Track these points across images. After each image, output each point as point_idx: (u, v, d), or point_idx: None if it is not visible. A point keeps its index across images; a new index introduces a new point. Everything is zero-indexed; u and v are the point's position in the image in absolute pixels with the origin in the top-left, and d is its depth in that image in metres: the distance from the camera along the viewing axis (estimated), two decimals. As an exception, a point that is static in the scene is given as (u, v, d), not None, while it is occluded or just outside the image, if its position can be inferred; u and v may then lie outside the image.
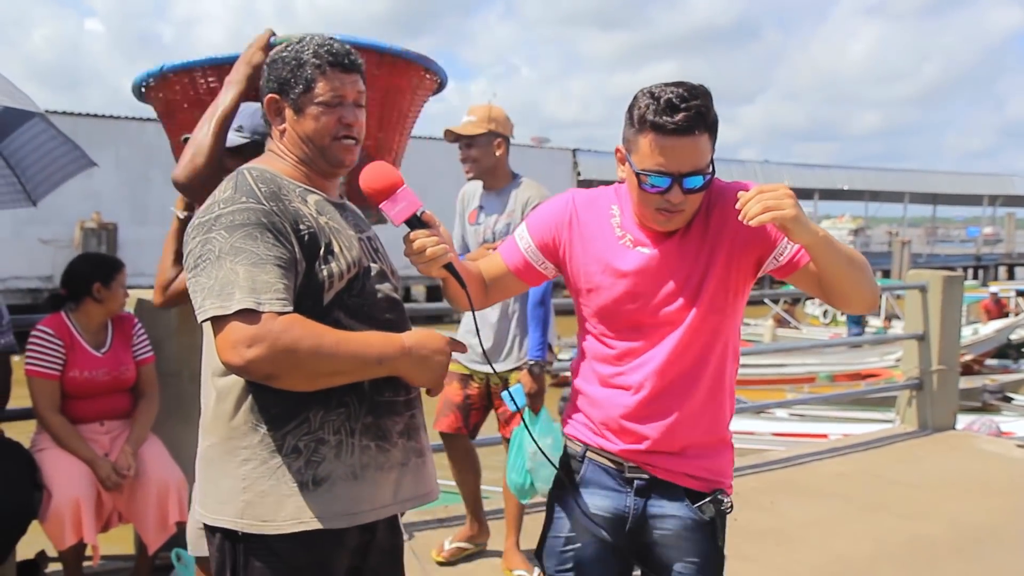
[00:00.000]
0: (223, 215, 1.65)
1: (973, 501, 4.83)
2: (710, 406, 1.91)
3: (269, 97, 1.82)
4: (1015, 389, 14.18)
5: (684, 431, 1.89)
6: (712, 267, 1.84)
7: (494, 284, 2.05)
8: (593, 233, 1.93)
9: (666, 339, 1.86)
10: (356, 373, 1.68)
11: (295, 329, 1.59)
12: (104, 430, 3.36)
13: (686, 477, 1.91)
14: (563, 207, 1.99)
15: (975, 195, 42.72)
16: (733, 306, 1.90)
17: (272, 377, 1.61)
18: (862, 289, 1.79)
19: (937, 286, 6.19)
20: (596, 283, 1.92)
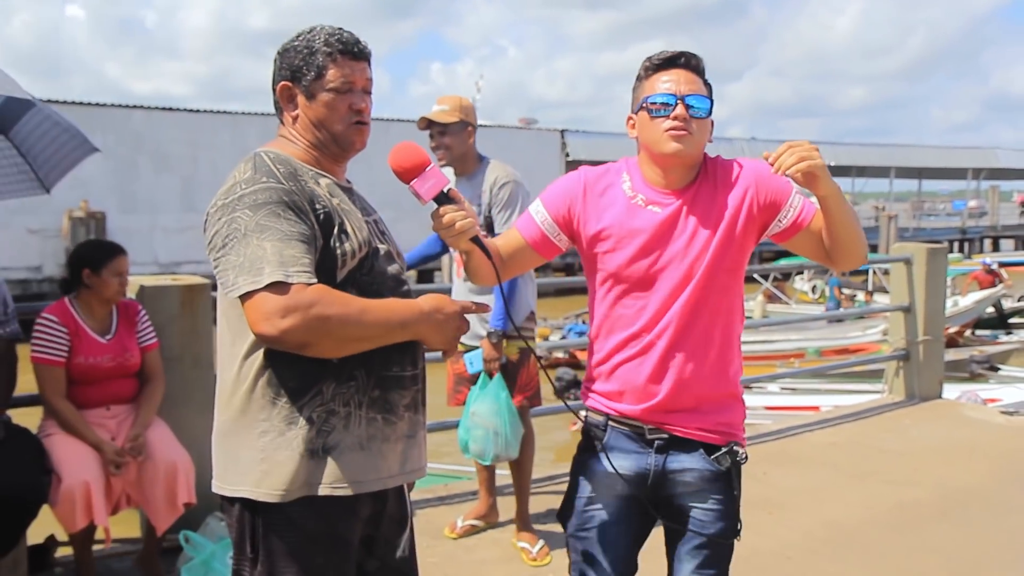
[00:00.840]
0: (246, 195, 1.74)
1: (959, 466, 4.95)
2: (721, 362, 2.03)
3: (282, 84, 1.91)
4: (1003, 360, 14.37)
5: (698, 386, 2.00)
6: (721, 226, 1.96)
7: (511, 258, 2.15)
8: (606, 200, 2.05)
9: (680, 296, 1.98)
10: (382, 338, 1.78)
11: (325, 298, 1.68)
12: (110, 415, 3.43)
13: (702, 432, 2.02)
14: (576, 180, 2.11)
15: (959, 168, 42.94)
16: (739, 268, 2.02)
17: (305, 345, 1.69)
18: (860, 242, 1.95)
19: (921, 258, 6.30)
20: (611, 245, 2.03)
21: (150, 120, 22.69)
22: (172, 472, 3.35)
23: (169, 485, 3.34)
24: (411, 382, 1.91)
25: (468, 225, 1.86)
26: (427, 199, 1.86)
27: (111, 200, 21.48)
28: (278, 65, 1.91)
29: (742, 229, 1.98)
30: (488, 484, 4.04)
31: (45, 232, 20.50)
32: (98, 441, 3.29)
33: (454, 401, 3.89)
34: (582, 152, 29.64)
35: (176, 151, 22.58)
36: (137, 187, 22.12)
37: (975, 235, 40.03)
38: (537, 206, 2.14)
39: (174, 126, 22.83)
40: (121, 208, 21.67)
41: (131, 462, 3.32)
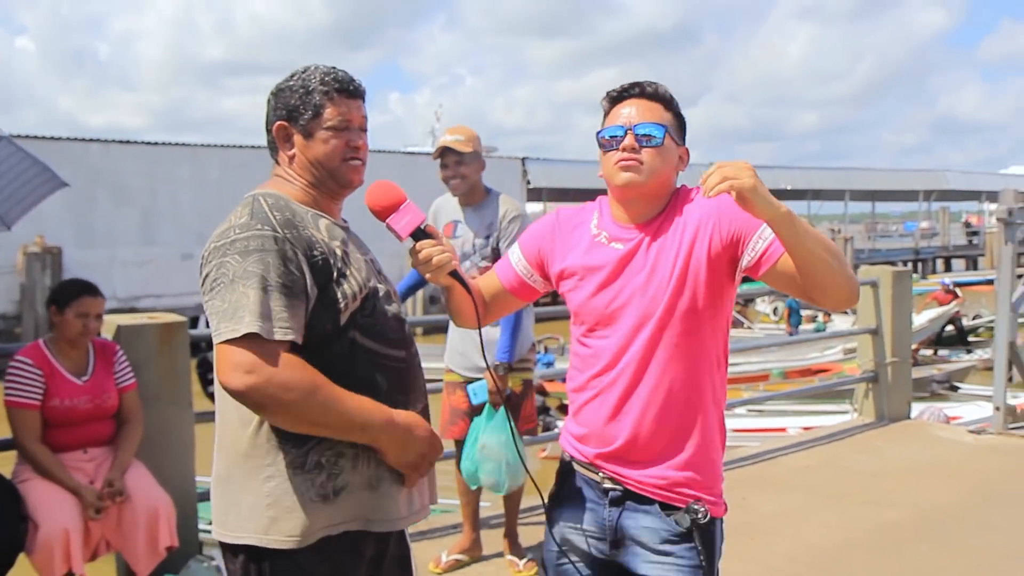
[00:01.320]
0: (238, 240, 1.73)
1: (932, 486, 5.02)
2: (688, 411, 1.88)
3: (278, 124, 1.90)
4: (961, 378, 14.63)
5: (658, 435, 1.87)
6: (683, 264, 1.84)
7: (493, 301, 2.13)
8: (574, 238, 2.00)
9: (639, 335, 1.86)
10: (337, 431, 1.74)
11: (295, 370, 1.67)
12: (88, 458, 3.36)
13: (657, 488, 1.88)
14: (548, 220, 2.07)
15: (911, 191, 43.83)
16: (710, 309, 1.86)
17: (261, 408, 1.69)
18: (837, 277, 1.71)
19: (887, 281, 6.41)
20: (574, 283, 1.97)
21: (107, 153, 22.38)
22: (153, 515, 3.29)
23: (150, 529, 3.28)
24: None
25: (445, 260, 1.84)
26: (404, 236, 1.86)
27: (68, 234, 21.09)
28: (273, 105, 1.91)
29: (706, 265, 1.83)
30: (472, 519, 4.01)
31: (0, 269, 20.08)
32: (76, 486, 3.22)
33: (449, 434, 3.84)
34: (543, 179, 29.79)
35: (134, 184, 22.28)
36: (95, 221, 21.76)
37: (928, 255, 40.83)
38: (515, 248, 2.12)
39: (132, 159, 22.53)
40: (78, 242, 21.30)
41: (111, 506, 3.25)
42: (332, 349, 1.78)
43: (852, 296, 1.76)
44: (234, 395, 1.68)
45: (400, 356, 1.88)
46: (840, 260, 1.72)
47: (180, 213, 22.30)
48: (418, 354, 1.98)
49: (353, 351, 1.80)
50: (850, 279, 1.74)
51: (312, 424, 1.71)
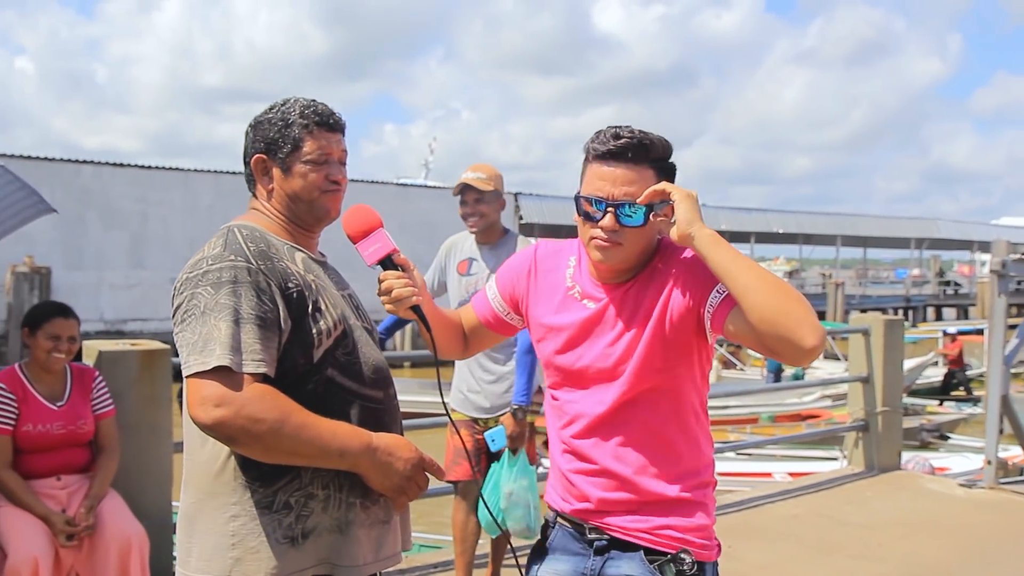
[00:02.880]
0: (210, 271, 1.69)
1: (922, 540, 4.94)
2: (665, 463, 1.83)
3: (256, 157, 1.86)
4: (952, 428, 14.61)
5: (635, 487, 1.83)
6: (649, 323, 1.78)
7: (471, 335, 2.09)
8: (548, 284, 1.94)
9: (602, 395, 1.83)
10: (315, 459, 1.69)
11: (265, 400, 1.62)
12: (61, 485, 3.27)
13: (642, 534, 1.83)
14: (525, 259, 2.00)
15: (903, 238, 44.12)
16: (680, 365, 1.81)
17: (232, 441, 1.64)
18: (789, 321, 1.57)
19: (879, 330, 6.37)
20: (542, 334, 1.93)
21: (99, 175, 22.37)
22: (125, 547, 3.20)
23: (122, 560, 3.19)
24: None
25: (406, 294, 1.79)
26: (371, 263, 1.83)
27: (57, 255, 21.02)
28: (251, 138, 1.88)
29: (673, 327, 1.76)
30: (467, 569, 3.85)
31: (-13, 287, 19.94)
32: (46, 512, 3.13)
33: (452, 475, 3.74)
34: (535, 215, 29.87)
35: (125, 207, 22.26)
36: (84, 243, 21.70)
37: (918, 303, 40.98)
38: (491, 283, 2.06)
39: (124, 182, 22.53)
40: (67, 264, 21.21)
41: (82, 535, 3.15)
42: (306, 386, 1.73)
43: (812, 345, 1.57)
44: (204, 429, 1.62)
45: (377, 396, 1.84)
46: (789, 297, 1.60)
47: (170, 237, 22.26)
48: (396, 395, 1.94)
49: (328, 389, 1.76)
50: (806, 325, 1.57)
51: (288, 454, 1.65)
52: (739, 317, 1.65)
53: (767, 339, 1.60)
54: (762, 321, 1.59)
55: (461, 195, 3.68)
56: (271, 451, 1.64)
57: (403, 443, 1.78)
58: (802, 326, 1.57)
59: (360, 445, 1.70)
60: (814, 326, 1.57)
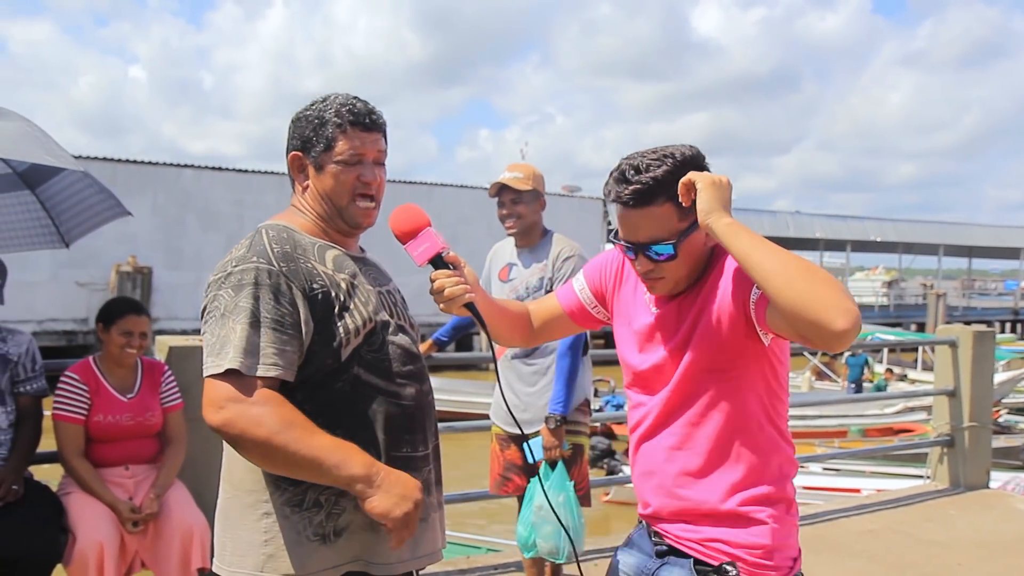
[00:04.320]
0: (233, 273, 1.72)
1: (1007, 563, 4.70)
2: (713, 474, 1.80)
3: (293, 154, 1.89)
4: (1054, 446, 13.82)
5: (678, 498, 1.82)
6: (699, 325, 1.77)
7: (545, 325, 2.09)
8: (630, 286, 1.96)
9: (659, 396, 1.85)
10: (313, 471, 1.65)
11: (268, 407, 1.63)
12: (129, 474, 3.40)
13: (693, 544, 1.82)
14: (615, 256, 2.01)
15: (1012, 248, 42.14)
16: (736, 369, 1.76)
17: (235, 444, 1.66)
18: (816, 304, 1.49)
19: (967, 341, 6.10)
20: (619, 334, 1.96)
21: (199, 179, 23.21)
22: (188, 535, 3.30)
23: (184, 548, 3.29)
24: (422, 463, 1.85)
25: (458, 292, 1.78)
26: (420, 263, 1.82)
27: (158, 256, 21.90)
28: (290, 134, 1.90)
29: (722, 328, 1.74)
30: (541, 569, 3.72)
31: (93, 285, 20.89)
32: (113, 500, 3.26)
33: (501, 490, 3.65)
34: (624, 221, 29.58)
35: (223, 210, 23.02)
36: (184, 244, 22.53)
37: (1027, 316, 39.06)
38: (579, 276, 2.08)
39: (222, 185, 23.33)
40: (167, 264, 22.06)
41: (147, 522, 3.28)
42: (334, 385, 1.75)
43: (832, 321, 1.48)
44: (214, 430, 1.66)
45: (408, 394, 1.83)
46: (820, 283, 1.51)
47: (265, 240, 22.85)
48: (431, 393, 1.93)
49: (356, 387, 1.76)
50: (825, 301, 1.49)
51: (286, 463, 1.65)
52: (773, 309, 1.60)
53: (798, 325, 1.53)
54: (789, 307, 1.52)
55: (498, 196, 3.54)
56: (269, 458, 1.65)
57: (407, 479, 1.70)
58: (830, 309, 1.48)
59: (361, 467, 1.65)
60: (845, 309, 1.48)
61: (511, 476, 3.63)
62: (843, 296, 1.51)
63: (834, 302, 1.49)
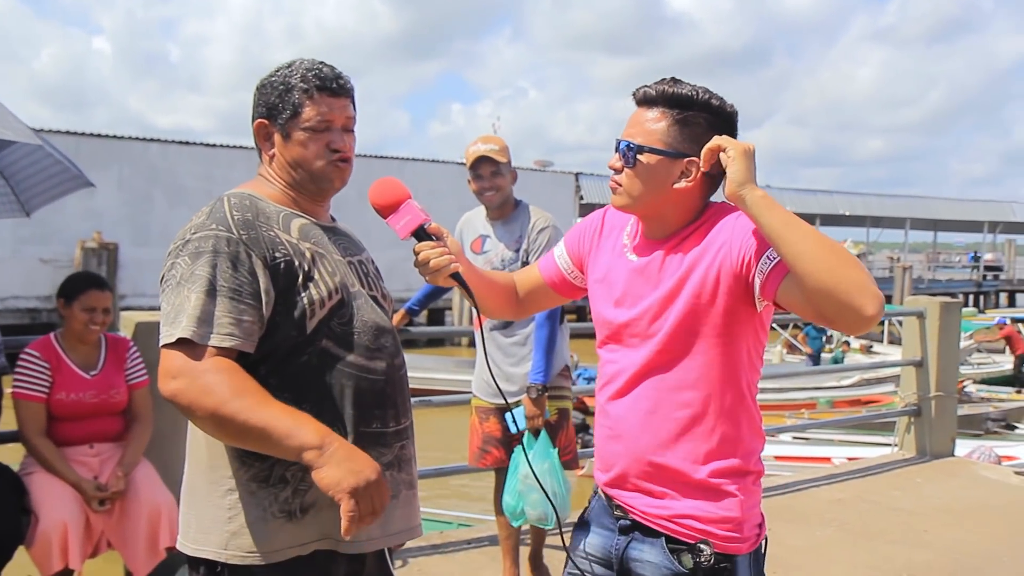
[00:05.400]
0: (191, 241, 1.67)
1: (971, 528, 4.78)
2: (690, 441, 1.74)
3: (258, 122, 1.83)
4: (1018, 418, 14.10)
5: (659, 464, 1.75)
6: (687, 282, 1.71)
7: (528, 296, 2.06)
8: (609, 242, 1.92)
9: (637, 355, 1.77)
10: (265, 441, 1.58)
11: (219, 375, 1.58)
12: (94, 452, 3.34)
13: (663, 520, 1.76)
14: (595, 217, 1.99)
15: (976, 221, 42.73)
16: (723, 336, 1.71)
17: (187, 413, 1.61)
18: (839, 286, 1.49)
19: (935, 312, 6.17)
20: (594, 290, 1.90)
21: (166, 153, 22.85)
22: (155, 514, 3.26)
23: (151, 528, 3.25)
24: (394, 438, 1.81)
25: (443, 263, 1.75)
26: (403, 236, 1.79)
27: (124, 231, 21.56)
28: (255, 102, 1.84)
29: (716, 290, 1.68)
30: (513, 553, 3.77)
31: (57, 262, 20.53)
32: (76, 479, 3.20)
33: (480, 462, 3.67)
34: (596, 195, 29.65)
35: (191, 185, 22.71)
36: (151, 219, 22.21)
37: (991, 289, 39.68)
38: (559, 244, 2.04)
39: (190, 160, 22.98)
40: (134, 240, 21.74)
41: (113, 501, 3.23)
42: (300, 358, 1.70)
43: (862, 306, 1.49)
44: (168, 400, 1.61)
45: (378, 368, 1.79)
46: (851, 267, 1.51)
47: (234, 215, 22.64)
48: (403, 367, 1.88)
49: (324, 361, 1.72)
50: (861, 290, 1.49)
51: (238, 432, 1.59)
52: (792, 285, 1.57)
53: (825, 307, 1.52)
54: (819, 288, 1.50)
55: (474, 169, 3.51)
56: (221, 428, 1.59)
57: (366, 458, 1.61)
58: (863, 293, 1.48)
59: (315, 433, 1.56)
60: (874, 294, 1.49)
61: (489, 449, 3.65)
62: (870, 279, 1.51)
63: (865, 286, 1.49)
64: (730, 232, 1.69)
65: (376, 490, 1.57)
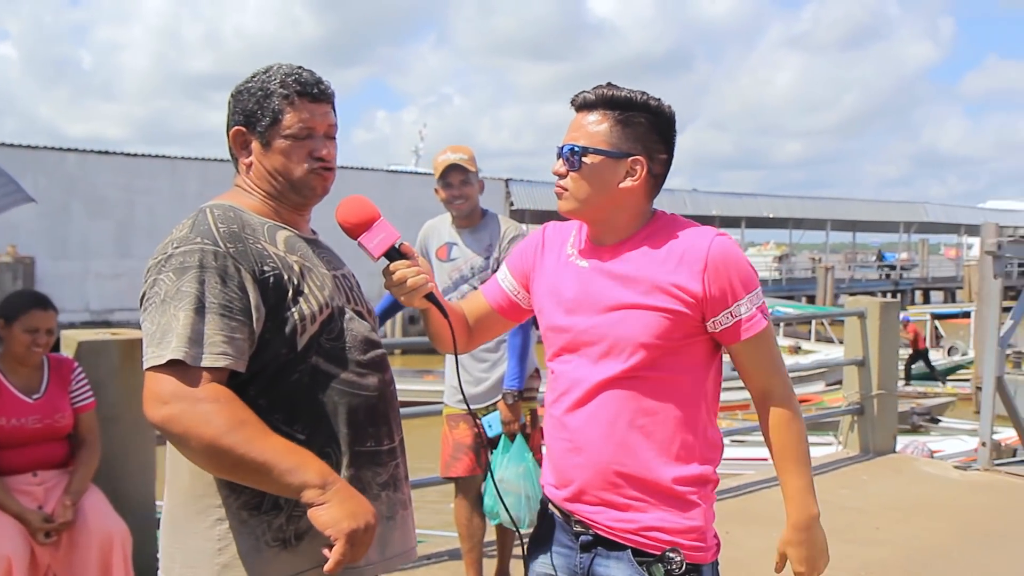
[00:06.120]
0: (175, 255, 1.58)
1: (919, 524, 4.89)
2: (654, 450, 1.71)
3: (235, 130, 1.74)
4: (941, 412, 14.62)
5: (620, 475, 1.71)
6: (643, 295, 1.69)
7: (478, 324, 1.99)
8: (552, 257, 1.87)
9: (595, 362, 1.73)
10: (263, 476, 1.50)
11: (217, 404, 1.49)
12: (38, 481, 3.16)
13: (627, 533, 1.72)
14: (535, 236, 1.95)
15: (892, 222, 44.16)
16: (684, 346, 1.70)
17: (178, 443, 1.52)
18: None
19: (875, 312, 6.31)
20: (542, 302, 1.85)
21: (84, 163, 22.14)
22: (107, 544, 3.10)
23: (103, 559, 3.09)
24: (388, 457, 1.74)
25: (420, 282, 1.68)
26: (377, 255, 1.71)
27: (41, 245, 20.82)
28: (231, 108, 1.75)
29: (673, 306, 1.67)
30: (476, 565, 3.72)
31: (-31, 278, 19.71)
32: (20, 510, 3.02)
33: (452, 471, 3.62)
34: (526, 201, 29.73)
35: (112, 195, 22.07)
36: (69, 232, 21.50)
37: (906, 287, 41.06)
38: (502, 267, 1.99)
39: (110, 170, 22.31)
40: (52, 254, 21.02)
41: (60, 532, 3.05)
42: (291, 377, 1.62)
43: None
44: (156, 427, 1.51)
45: (370, 384, 1.72)
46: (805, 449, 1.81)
47: (157, 226, 22.05)
48: (392, 383, 1.81)
49: (315, 379, 1.64)
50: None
51: (233, 465, 1.49)
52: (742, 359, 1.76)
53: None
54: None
55: (444, 177, 3.49)
56: (215, 460, 1.50)
57: (366, 502, 1.55)
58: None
59: (318, 472, 1.50)
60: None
61: (460, 456, 3.61)
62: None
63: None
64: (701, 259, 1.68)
65: (371, 536, 1.53)
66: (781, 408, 1.77)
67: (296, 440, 1.59)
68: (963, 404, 16.28)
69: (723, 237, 1.73)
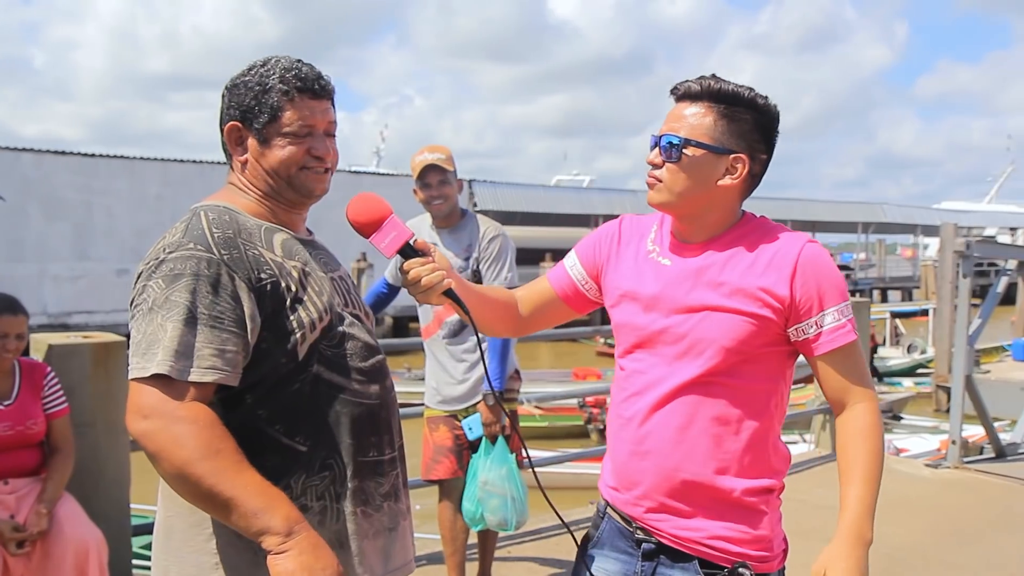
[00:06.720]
0: (166, 261, 1.50)
1: (895, 523, 4.93)
2: (728, 456, 1.65)
3: (230, 125, 1.66)
4: (902, 408, 14.84)
5: (690, 481, 1.65)
6: (734, 295, 1.64)
7: (537, 310, 1.93)
8: (630, 251, 1.81)
9: (672, 363, 1.67)
10: (222, 513, 1.43)
11: (194, 426, 1.42)
12: (9, 489, 3.06)
13: (696, 544, 1.67)
14: (611, 226, 1.89)
15: (850, 222, 44.90)
16: (757, 352, 1.65)
17: (153, 460, 1.45)
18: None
19: (846, 311, 6.36)
20: (616, 299, 1.79)
21: (40, 164, 21.70)
22: (82, 553, 3.01)
23: (79, 568, 3.00)
24: (389, 466, 1.68)
25: (435, 280, 1.62)
26: (389, 254, 1.66)
27: (-4, 247, 20.39)
28: (226, 103, 1.66)
29: (757, 310, 1.62)
30: (459, 569, 3.68)
31: (-79, 281, 19.24)
32: (-8, 521, 2.92)
33: (433, 474, 3.57)
34: (490, 202, 29.75)
35: (69, 196, 21.65)
36: (25, 234, 21.06)
37: (865, 286, 41.71)
38: (570, 254, 1.92)
39: (67, 170, 21.89)
40: (7, 256, 20.60)
41: (33, 542, 2.95)
42: (291, 387, 1.55)
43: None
44: (135, 439, 1.45)
45: (372, 391, 1.66)
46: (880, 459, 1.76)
47: (116, 228, 21.73)
48: (393, 388, 1.76)
49: (316, 388, 1.57)
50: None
51: (195, 494, 1.42)
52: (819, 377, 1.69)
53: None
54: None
55: (422, 178, 3.43)
56: (180, 484, 1.43)
57: (331, 555, 1.46)
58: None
59: (285, 518, 1.42)
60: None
61: (440, 459, 3.57)
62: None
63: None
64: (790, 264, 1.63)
65: None
66: (858, 422, 1.69)
67: (298, 451, 1.54)
68: (923, 402, 16.54)
69: (815, 244, 1.68)
